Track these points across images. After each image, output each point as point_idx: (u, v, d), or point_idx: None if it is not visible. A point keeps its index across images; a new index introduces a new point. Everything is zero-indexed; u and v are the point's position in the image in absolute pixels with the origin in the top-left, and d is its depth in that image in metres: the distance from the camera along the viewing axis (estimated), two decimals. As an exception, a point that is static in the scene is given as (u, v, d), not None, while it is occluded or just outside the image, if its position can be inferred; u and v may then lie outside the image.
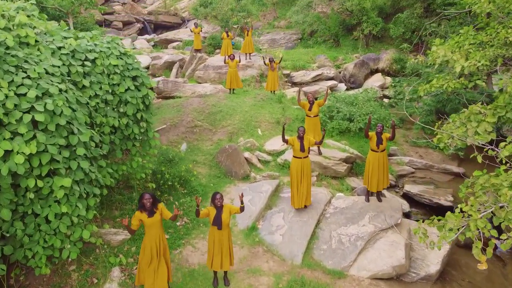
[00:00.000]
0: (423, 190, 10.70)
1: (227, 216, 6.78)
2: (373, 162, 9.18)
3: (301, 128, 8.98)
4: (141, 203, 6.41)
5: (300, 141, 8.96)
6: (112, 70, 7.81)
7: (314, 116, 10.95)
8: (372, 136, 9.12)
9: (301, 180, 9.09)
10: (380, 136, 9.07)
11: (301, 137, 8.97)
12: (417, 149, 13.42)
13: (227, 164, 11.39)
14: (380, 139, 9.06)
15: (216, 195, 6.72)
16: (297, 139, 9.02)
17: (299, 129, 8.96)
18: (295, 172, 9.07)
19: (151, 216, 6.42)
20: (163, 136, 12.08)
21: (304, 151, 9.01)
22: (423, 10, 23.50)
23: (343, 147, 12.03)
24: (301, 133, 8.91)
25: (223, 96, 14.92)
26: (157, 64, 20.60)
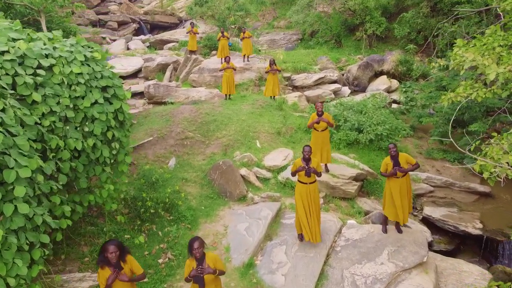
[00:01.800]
0: (446, 214, 9.03)
1: None
2: (394, 190, 7.47)
3: (306, 148, 7.30)
4: (102, 257, 4.73)
5: (305, 164, 7.29)
6: (75, 80, 6.12)
7: (322, 130, 9.24)
8: (388, 164, 7.41)
9: (310, 210, 7.43)
10: (397, 159, 7.35)
11: (306, 159, 7.30)
12: (433, 162, 11.74)
13: (220, 182, 9.72)
14: (397, 162, 7.35)
15: (193, 243, 4.97)
16: (302, 162, 7.35)
17: (304, 150, 7.28)
18: (300, 200, 7.41)
19: None
20: (149, 150, 10.40)
21: (310, 176, 7.34)
22: (430, 10, 21.78)
23: (352, 162, 10.35)
24: (306, 154, 7.23)
25: (218, 103, 13.23)
26: (149, 67, 18.89)
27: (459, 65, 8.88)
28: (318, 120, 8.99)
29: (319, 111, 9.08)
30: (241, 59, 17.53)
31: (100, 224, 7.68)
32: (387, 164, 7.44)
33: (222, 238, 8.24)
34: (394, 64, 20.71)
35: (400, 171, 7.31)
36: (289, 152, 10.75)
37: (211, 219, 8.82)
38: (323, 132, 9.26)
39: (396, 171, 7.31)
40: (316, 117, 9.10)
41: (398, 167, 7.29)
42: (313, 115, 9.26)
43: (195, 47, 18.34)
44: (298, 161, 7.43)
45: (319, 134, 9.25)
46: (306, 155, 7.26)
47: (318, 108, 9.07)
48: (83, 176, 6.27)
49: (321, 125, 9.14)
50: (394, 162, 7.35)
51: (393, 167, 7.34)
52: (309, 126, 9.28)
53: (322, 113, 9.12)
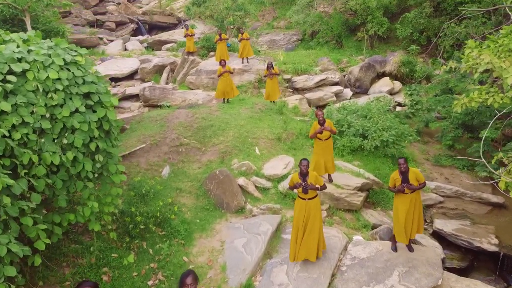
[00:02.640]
0: (459, 228, 8.33)
1: None
2: (402, 208, 6.77)
3: (303, 162, 6.63)
4: None
5: (302, 180, 6.62)
6: (52, 86, 5.41)
7: (326, 139, 8.54)
8: (396, 179, 6.72)
9: (304, 227, 6.75)
10: (406, 175, 6.66)
11: (304, 174, 6.62)
12: (441, 169, 11.04)
13: (217, 193, 9.02)
14: (406, 179, 6.66)
15: (185, 279, 4.25)
16: (299, 177, 6.68)
17: (301, 164, 6.62)
18: (296, 216, 6.76)
19: None
20: (141, 158, 9.70)
21: (307, 193, 6.66)
22: (433, 10, 21.06)
23: (356, 171, 9.65)
24: (304, 169, 6.57)
25: (215, 107, 12.52)
26: (146, 68, 18.19)
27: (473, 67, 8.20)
28: (321, 129, 8.29)
29: (320, 120, 8.39)
30: (240, 60, 16.81)
31: (85, 242, 6.98)
32: (395, 179, 6.75)
33: (218, 255, 7.54)
34: (397, 65, 20.02)
35: (409, 188, 6.62)
36: (290, 159, 10.05)
37: (207, 234, 8.13)
38: (327, 141, 8.57)
39: (404, 188, 6.63)
40: (318, 126, 8.39)
41: (406, 183, 6.61)
42: (314, 124, 8.56)
43: (192, 49, 17.62)
44: (295, 176, 6.77)
45: (323, 144, 8.55)
46: (304, 169, 6.59)
47: (319, 116, 8.37)
48: (62, 193, 5.56)
49: (325, 134, 8.45)
50: (403, 178, 6.67)
51: (401, 183, 6.65)
52: (312, 136, 8.59)
53: (324, 121, 8.42)
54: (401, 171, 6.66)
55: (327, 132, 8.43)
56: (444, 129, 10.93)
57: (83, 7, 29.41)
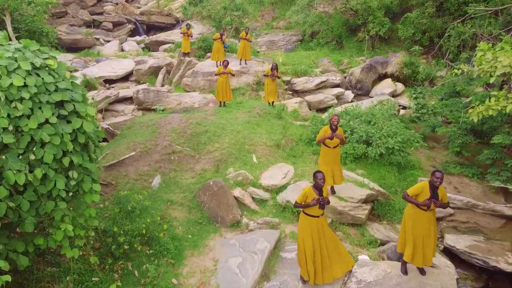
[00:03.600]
0: (472, 245, 7.58)
1: None
2: (418, 224, 6.04)
3: (319, 175, 5.88)
4: None
5: (319, 194, 5.90)
6: (17, 95, 4.67)
7: (334, 147, 7.81)
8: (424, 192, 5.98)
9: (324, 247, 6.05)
10: (437, 191, 5.94)
11: (320, 188, 5.90)
12: (449, 177, 10.26)
13: (211, 206, 8.28)
14: (436, 195, 5.93)
15: None
16: (313, 191, 5.93)
17: (317, 177, 5.87)
18: (310, 238, 6.02)
19: None
20: (130, 167, 8.95)
21: (324, 208, 5.96)
22: (435, 9, 20.28)
23: (360, 180, 8.91)
24: (321, 182, 5.84)
25: (211, 111, 11.77)
26: (141, 70, 17.43)
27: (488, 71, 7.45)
28: (332, 135, 7.55)
29: (334, 125, 7.65)
30: (237, 61, 16.05)
31: (63, 264, 6.23)
32: (424, 191, 5.98)
33: (211, 276, 6.80)
34: (399, 66, 19.24)
35: (438, 205, 5.90)
36: (290, 168, 9.31)
37: (199, 251, 7.39)
38: (335, 149, 7.83)
39: (431, 203, 5.89)
40: (329, 132, 7.65)
41: (435, 200, 5.88)
42: (325, 128, 7.81)
43: (188, 49, 16.86)
44: (309, 191, 5.98)
45: (331, 152, 7.82)
46: (321, 183, 5.84)
47: (334, 122, 7.65)
48: (30, 215, 4.82)
49: (334, 141, 7.71)
50: (432, 193, 5.92)
51: (429, 198, 5.91)
52: (320, 141, 7.83)
53: (337, 128, 7.69)
54: (435, 186, 5.93)
55: (336, 139, 7.70)
56: (452, 135, 10.18)
57: (80, 7, 28.62)
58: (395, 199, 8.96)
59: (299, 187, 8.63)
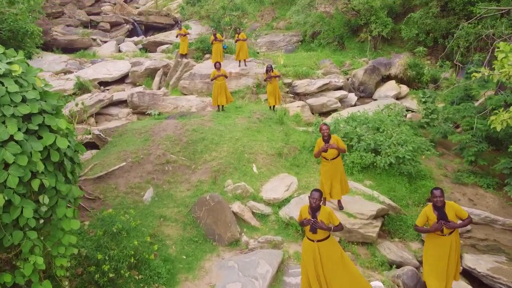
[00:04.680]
0: (494, 267, 6.78)
1: None
2: (438, 254, 5.26)
3: (314, 194, 5.16)
4: None
5: (312, 215, 5.14)
6: (-29, 108, 3.86)
7: (333, 158, 7.00)
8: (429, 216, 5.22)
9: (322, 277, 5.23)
10: (443, 209, 5.16)
11: (314, 208, 5.13)
12: (463, 188, 9.49)
13: (207, 222, 7.48)
14: (444, 215, 5.15)
15: None
16: (308, 211, 5.18)
17: (311, 195, 5.13)
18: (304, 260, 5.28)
19: None
20: (120, 179, 8.14)
21: (316, 232, 5.17)
22: (440, 9, 19.45)
23: (369, 193, 8.11)
24: (314, 202, 5.10)
25: (208, 116, 10.95)
26: (137, 72, 16.61)
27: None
28: (326, 147, 6.73)
29: (324, 135, 6.82)
30: (237, 63, 15.24)
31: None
32: (429, 216, 5.23)
33: (207, 305, 6.01)
34: (403, 68, 18.47)
35: (449, 226, 5.10)
36: (293, 180, 8.51)
37: (194, 275, 6.59)
38: (334, 161, 7.01)
39: (442, 226, 5.10)
40: (323, 144, 6.84)
41: (445, 221, 5.09)
42: (318, 141, 7.00)
43: (186, 50, 16.03)
44: (304, 209, 5.29)
45: (329, 164, 7.01)
46: (314, 203, 5.09)
47: (323, 132, 6.80)
48: (-10, 250, 4.03)
49: (330, 152, 6.90)
50: (439, 214, 5.16)
51: (437, 220, 5.13)
52: (316, 155, 7.01)
53: (329, 137, 6.86)
54: (436, 206, 5.16)
55: (333, 150, 6.88)
56: (466, 143, 9.38)
57: (77, 7, 27.75)
58: (406, 214, 8.17)
59: (303, 201, 7.84)
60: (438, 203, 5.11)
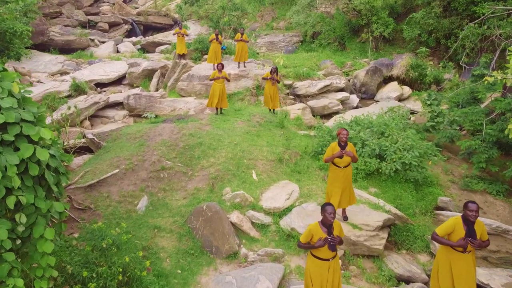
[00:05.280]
0: (509, 283, 6.33)
1: None
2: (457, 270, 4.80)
3: (329, 209, 4.69)
4: None
5: (327, 232, 4.68)
6: None
7: (345, 166, 6.54)
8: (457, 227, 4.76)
9: None
10: (473, 227, 4.71)
11: (329, 225, 4.68)
12: (471, 195, 9.04)
13: (204, 233, 7.03)
14: (473, 232, 4.70)
15: None
16: (320, 228, 4.73)
17: (326, 210, 4.67)
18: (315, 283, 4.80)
19: None
20: (113, 187, 7.69)
21: (335, 249, 4.73)
22: (442, 9, 18.99)
23: (375, 202, 7.67)
24: (331, 218, 4.63)
25: (206, 120, 10.50)
26: (134, 73, 16.15)
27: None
28: (341, 153, 6.28)
29: (343, 141, 6.36)
30: (235, 64, 14.77)
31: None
32: (456, 229, 4.76)
33: (203, 326, 5.56)
34: (405, 68, 18.03)
35: (476, 245, 4.67)
36: (294, 187, 8.06)
37: (190, 291, 6.14)
38: (346, 169, 6.55)
39: (467, 243, 4.67)
40: (338, 149, 6.38)
41: (473, 238, 4.66)
42: (333, 145, 6.53)
43: (184, 51, 15.56)
44: (315, 228, 4.80)
45: (341, 172, 6.54)
46: (331, 219, 4.62)
47: (342, 137, 6.34)
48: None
49: (344, 160, 6.44)
50: (468, 230, 4.70)
51: (465, 237, 4.68)
52: (327, 160, 6.52)
53: (346, 143, 6.41)
54: (469, 221, 4.72)
55: (347, 158, 6.43)
56: (476, 148, 8.92)
57: (75, 7, 27.26)
58: (414, 223, 7.71)
59: (305, 210, 7.40)
60: (472, 218, 4.66)
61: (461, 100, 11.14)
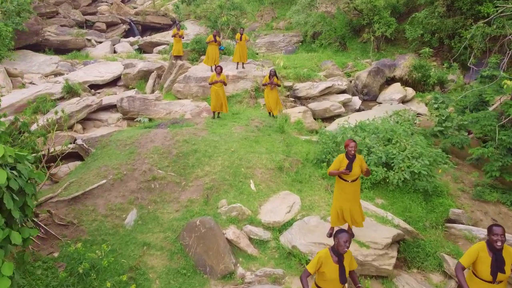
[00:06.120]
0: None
1: None
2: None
3: (343, 237, 4.06)
4: None
5: (339, 262, 4.04)
6: None
7: (353, 180, 5.86)
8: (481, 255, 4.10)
9: None
10: (501, 254, 4.05)
11: (340, 254, 4.03)
12: (483, 205, 8.37)
13: (197, 251, 6.36)
14: (501, 260, 4.04)
15: None
16: (331, 256, 4.09)
17: (339, 238, 4.03)
18: None
19: None
20: (99, 199, 7.02)
21: (345, 281, 4.07)
22: (446, 9, 18.29)
23: (382, 215, 7.00)
24: (344, 246, 3.98)
25: (202, 125, 9.82)
26: (130, 74, 15.46)
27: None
28: (350, 167, 5.60)
29: (351, 154, 5.68)
30: (234, 66, 14.09)
31: None
32: (480, 257, 4.11)
33: None
34: (408, 69, 17.36)
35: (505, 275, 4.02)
36: (295, 199, 7.39)
37: (180, 318, 5.48)
38: (354, 184, 5.87)
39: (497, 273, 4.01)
40: (346, 162, 5.70)
41: (500, 267, 4.01)
42: (340, 157, 5.83)
43: (180, 52, 14.87)
44: (325, 257, 4.14)
45: (349, 187, 5.86)
46: (344, 248, 3.98)
47: (350, 150, 5.66)
48: None
49: (354, 172, 5.75)
50: (495, 258, 4.05)
51: (492, 269, 4.02)
52: (333, 174, 5.83)
53: (354, 156, 5.73)
54: (496, 248, 4.07)
55: (356, 170, 5.74)
56: (489, 156, 8.25)
57: (72, 7, 26.55)
58: (424, 238, 7.04)
59: (307, 224, 6.74)
60: (499, 243, 4.01)
61: (469, 104, 10.46)
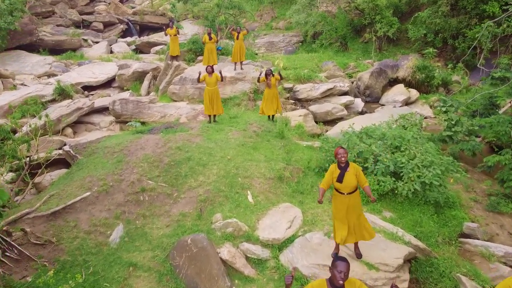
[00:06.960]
0: None
1: None
2: None
3: (341, 266, 3.42)
4: None
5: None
6: None
7: (350, 192, 5.17)
8: None
9: None
10: None
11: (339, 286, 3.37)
12: (498, 217, 7.69)
13: (189, 273, 5.68)
14: None
15: None
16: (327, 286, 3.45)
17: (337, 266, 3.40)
18: None
19: None
20: (82, 214, 6.34)
21: None
22: (450, 8, 17.58)
23: (392, 231, 6.32)
24: (339, 279, 3.33)
25: (197, 130, 9.13)
26: (124, 75, 14.77)
27: None
28: (340, 178, 4.92)
29: (341, 162, 5.01)
30: (232, 66, 13.39)
31: None
32: None
33: None
34: (411, 70, 16.61)
35: None
36: (296, 212, 6.71)
37: None
38: (350, 196, 5.18)
39: None
40: (337, 172, 5.02)
41: None
42: (332, 168, 5.18)
43: (177, 52, 14.15)
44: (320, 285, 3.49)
45: (345, 200, 5.18)
46: (340, 280, 3.33)
47: (340, 157, 5.00)
48: None
49: (348, 184, 5.06)
50: None
51: None
52: (325, 187, 5.15)
53: (347, 164, 5.05)
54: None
55: (351, 181, 5.04)
56: (506, 164, 7.57)
57: (69, 7, 25.82)
58: (437, 256, 6.36)
59: (310, 242, 6.06)
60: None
61: (479, 107, 9.77)
